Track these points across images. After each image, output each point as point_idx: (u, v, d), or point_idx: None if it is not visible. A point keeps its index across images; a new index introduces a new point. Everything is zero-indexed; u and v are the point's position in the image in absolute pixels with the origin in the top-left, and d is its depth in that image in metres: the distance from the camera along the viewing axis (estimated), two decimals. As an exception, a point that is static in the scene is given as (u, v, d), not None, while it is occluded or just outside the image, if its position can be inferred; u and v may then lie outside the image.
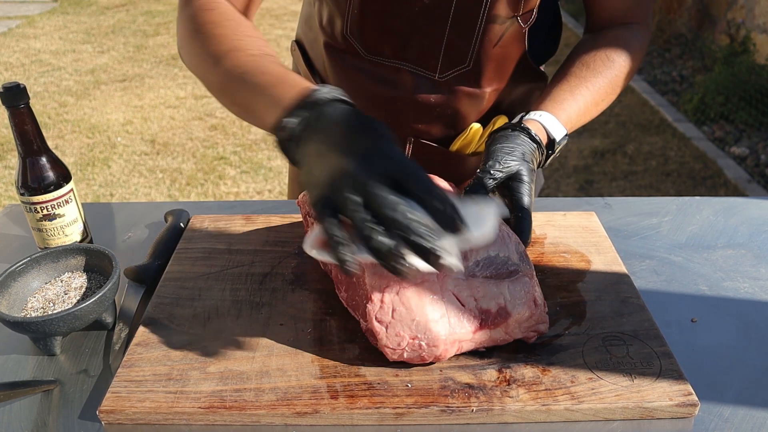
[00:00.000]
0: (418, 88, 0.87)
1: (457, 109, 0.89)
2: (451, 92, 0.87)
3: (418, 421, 0.58)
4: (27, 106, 0.73)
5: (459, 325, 0.60)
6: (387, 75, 0.87)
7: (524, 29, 0.82)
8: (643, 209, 0.93)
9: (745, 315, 0.71)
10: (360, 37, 0.86)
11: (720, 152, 3.13)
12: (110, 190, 2.88)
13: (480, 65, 0.84)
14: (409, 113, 0.89)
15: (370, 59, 0.87)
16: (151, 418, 0.58)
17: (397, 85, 0.87)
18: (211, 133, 3.43)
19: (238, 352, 0.64)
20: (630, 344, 0.64)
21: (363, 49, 0.86)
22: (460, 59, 0.84)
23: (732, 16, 3.94)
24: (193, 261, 0.79)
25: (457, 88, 0.87)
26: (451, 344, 0.60)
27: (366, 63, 0.87)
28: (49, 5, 6.30)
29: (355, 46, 0.87)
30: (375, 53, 0.86)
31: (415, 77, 0.86)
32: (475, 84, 0.86)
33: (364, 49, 0.86)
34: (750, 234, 0.86)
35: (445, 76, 0.86)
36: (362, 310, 0.63)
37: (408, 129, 0.91)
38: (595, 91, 0.84)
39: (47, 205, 0.77)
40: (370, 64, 0.87)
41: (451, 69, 0.85)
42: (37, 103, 3.81)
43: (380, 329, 0.60)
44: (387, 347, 0.60)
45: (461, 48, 0.83)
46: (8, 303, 0.68)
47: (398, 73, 0.87)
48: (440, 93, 0.87)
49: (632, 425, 0.58)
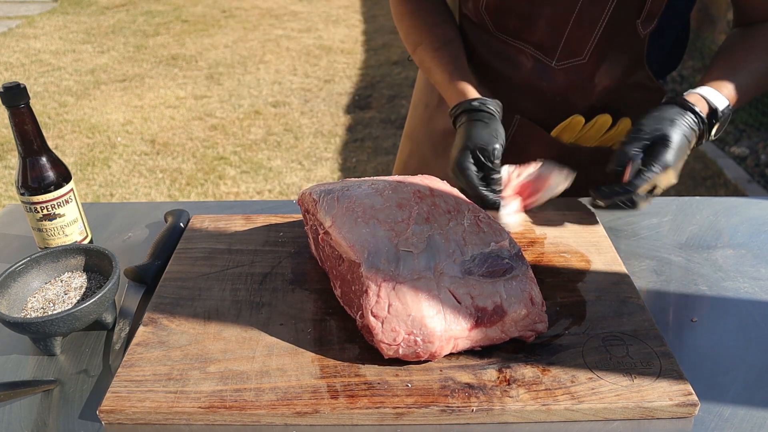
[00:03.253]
0: (534, 71, 0.93)
1: (565, 98, 0.93)
2: (564, 81, 0.92)
3: (418, 420, 0.58)
4: (27, 106, 0.73)
5: (455, 322, 0.60)
6: (509, 53, 0.94)
7: (642, 35, 0.85)
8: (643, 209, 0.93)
9: (745, 315, 0.71)
10: (492, 13, 0.91)
11: (720, 152, 3.13)
12: (110, 190, 2.88)
13: (595, 61, 0.88)
14: (521, 93, 0.95)
15: (497, 36, 0.94)
16: (151, 418, 0.58)
17: (516, 64, 0.94)
18: (211, 133, 3.42)
19: (238, 352, 0.64)
20: (630, 344, 0.64)
21: (493, 25, 0.93)
22: (578, 51, 0.88)
23: (732, 16, 3.94)
24: (193, 261, 0.79)
25: (570, 78, 0.91)
26: (447, 341, 0.60)
27: (493, 39, 0.95)
28: (49, 5, 6.30)
29: (486, 21, 0.92)
30: (502, 30, 0.93)
31: (533, 60, 0.93)
32: (587, 78, 0.91)
33: (493, 25, 0.93)
34: (750, 234, 0.86)
35: (561, 65, 0.90)
36: (357, 306, 0.63)
37: (516, 107, 0.96)
38: (756, 71, 0.85)
39: (47, 205, 0.77)
40: (497, 40, 0.94)
41: (568, 59, 0.90)
42: (37, 103, 3.81)
43: (376, 324, 0.60)
44: (383, 342, 0.60)
45: (581, 40, 0.87)
46: (8, 303, 0.67)
47: (519, 54, 0.93)
48: (554, 80, 0.92)
49: (632, 425, 0.58)
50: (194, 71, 4.41)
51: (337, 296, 0.70)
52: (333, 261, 0.70)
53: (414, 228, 0.66)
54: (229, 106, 3.78)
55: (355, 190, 0.72)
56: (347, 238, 0.65)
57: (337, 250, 0.68)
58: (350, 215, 0.68)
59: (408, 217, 0.67)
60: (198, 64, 4.55)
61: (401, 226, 0.66)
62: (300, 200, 0.79)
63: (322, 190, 0.73)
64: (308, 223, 0.77)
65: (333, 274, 0.71)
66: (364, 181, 0.75)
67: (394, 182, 0.73)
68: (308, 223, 0.77)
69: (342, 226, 0.67)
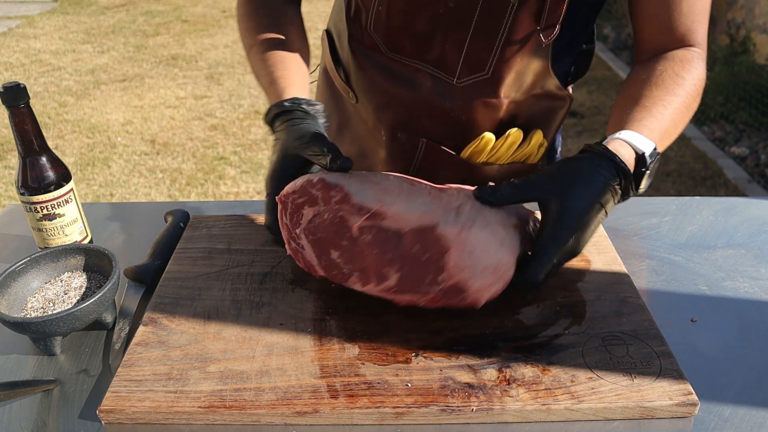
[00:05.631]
0: (435, 90, 0.87)
1: (471, 116, 0.88)
2: (468, 98, 0.86)
3: (418, 420, 0.58)
4: (27, 106, 0.73)
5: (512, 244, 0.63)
6: (406, 74, 0.87)
7: (544, 44, 0.80)
8: (643, 209, 0.93)
9: (745, 315, 0.71)
10: (383, 33, 0.86)
11: (720, 152, 3.13)
12: (110, 190, 2.88)
13: (499, 74, 0.83)
14: (423, 115, 0.89)
15: (390, 56, 0.87)
16: (151, 418, 0.58)
17: (414, 85, 0.87)
18: (211, 133, 3.43)
19: (238, 352, 0.64)
20: (630, 344, 0.64)
21: (385, 46, 0.87)
22: (479, 66, 0.83)
23: (732, 16, 3.94)
24: (193, 261, 0.79)
25: (474, 95, 0.86)
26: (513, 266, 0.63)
27: (387, 60, 0.88)
28: (49, 5, 6.30)
29: (378, 42, 0.87)
30: (396, 51, 0.86)
31: (433, 79, 0.86)
32: (492, 93, 0.85)
33: (385, 46, 0.87)
34: (750, 234, 0.86)
35: (463, 82, 0.85)
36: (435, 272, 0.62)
37: (421, 130, 0.91)
38: (673, 109, 0.74)
39: (47, 205, 0.77)
40: (391, 61, 0.87)
41: (469, 75, 0.84)
42: (37, 103, 3.81)
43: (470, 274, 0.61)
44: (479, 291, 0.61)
45: (481, 55, 0.82)
46: (8, 303, 0.67)
47: (417, 74, 0.86)
48: (456, 98, 0.86)
49: (632, 425, 0.58)
50: (194, 71, 4.41)
51: (385, 288, 0.65)
52: (383, 246, 0.64)
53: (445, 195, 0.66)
54: (229, 106, 3.78)
55: (367, 176, 0.68)
56: (410, 208, 0.63)
57: (392, 230, 0.63)
58: (390, 193, 0.65)
59: (430, 189, 0.67)
60: (198, 64, 4.56)
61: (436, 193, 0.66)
62: (295, 194, 0.68)
63: (332, 181, 0.66)
64: (307, 219, 0.67)
65: (380, 263, 0.65)
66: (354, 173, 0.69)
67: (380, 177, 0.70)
68: (307, 220, 0.67)
69: (395, 203, 0.64)
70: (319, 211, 0.66)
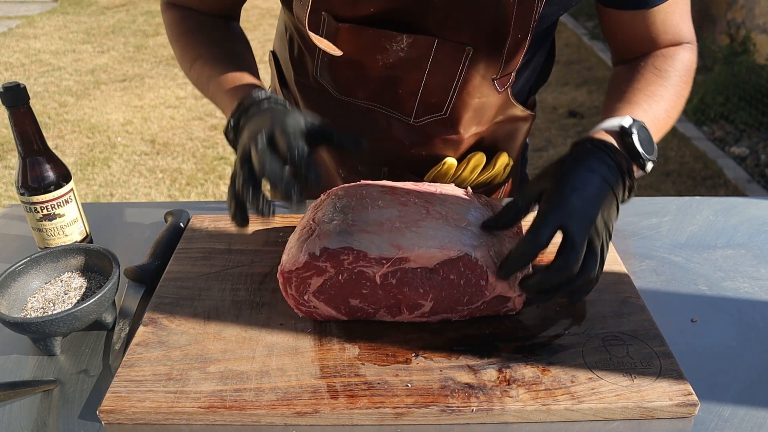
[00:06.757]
0: (392, 129, 0.84)
1: (432, 151, 0.85)
2: (427, 136, 0.83)
3: (418, 421, 0.58)
4: (27, 106, 0.73)
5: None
6: (360, 114, 0.83)
7: (500, 92, 0.79)
8: (643, 209, 0.93)
9: (745, 315, 0.71)
10: (331, 81, 0.82)
11: (720, 152, 3.13)
12: (110, 190, 2.88)
13: (457, 113, 0.80)
14: (382, 150, 0.87)
15: (342, 98, 0.84)
16: (151, 418, 0.58)
17: (370, 124, 0.84)
18: (211, 133, 3.42)
19: (238, 352, 0.64)
20: (630, 344, 0.64)
21: (335, 90, 0.83)
22: (436, 107, 0.80)
23: (732, 16, 3.94)
24: (193, 261, 0.79)
25: (433, 133, 0.83)
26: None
27: (338, 102, 0.84)
28: (49, 5, 6.30)
29: (326, 86, 0.84)
30: (347, 95, 0.83)
31: (389, 119, 0.83)
32: (452, 130, 0.83)
33: (335, 90, 0.83)
34: (750, 234, 0.86)
35: (421, 121, 0.82)
36: (474, 294, 0.65)
37: (382, 160, 0.88)
38: (667, 98, 0.74)
39: (47, 205, 0.77)
40: (343, 102, 0.84)
41: (427, 115, 0.81)
42: (37, 103, 3.81)
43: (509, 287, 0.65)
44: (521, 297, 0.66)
45: (438, 97, 0.79)
46: (8, 303, 0.67)
47: (371, 114, 0.83)
48: (415, 135, 0.84)
49: (632, 425, 0.58)
50: (194, 71, 4.40)
51: (419, 315, 0.67)
52: (412, 284, 0.64)
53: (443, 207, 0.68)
54: (229, 106, 3.77)
55: (362, 216, 0.66)
56: (431, 246, 0.62)
57: (418, 267, 0.63)
58: (402, 233, 0.64)
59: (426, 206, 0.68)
60: (198, 64, 4.54)
61: (436, 214, 0.67)
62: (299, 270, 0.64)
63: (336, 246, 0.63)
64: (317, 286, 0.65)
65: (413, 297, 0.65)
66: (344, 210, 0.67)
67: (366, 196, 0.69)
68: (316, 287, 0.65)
69: (414, 244, 0.63)
70: (330, 276, 0.64)
